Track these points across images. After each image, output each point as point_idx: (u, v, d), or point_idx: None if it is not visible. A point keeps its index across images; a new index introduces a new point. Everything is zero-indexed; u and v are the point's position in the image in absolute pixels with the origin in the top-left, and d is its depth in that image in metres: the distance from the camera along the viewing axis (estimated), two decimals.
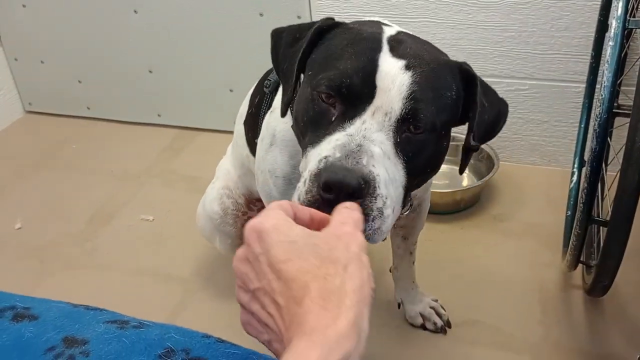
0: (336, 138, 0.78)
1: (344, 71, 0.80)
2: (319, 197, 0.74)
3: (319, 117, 0.82)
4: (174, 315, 1.57)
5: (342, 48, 0.84)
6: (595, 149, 1.23)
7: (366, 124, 0.79)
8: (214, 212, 1.48)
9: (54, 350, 0.65)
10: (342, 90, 0.80)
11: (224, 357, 0.65)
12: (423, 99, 0.80)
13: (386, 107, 0.79)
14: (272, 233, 0.58)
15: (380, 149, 0.77)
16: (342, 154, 0.75)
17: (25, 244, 1.87)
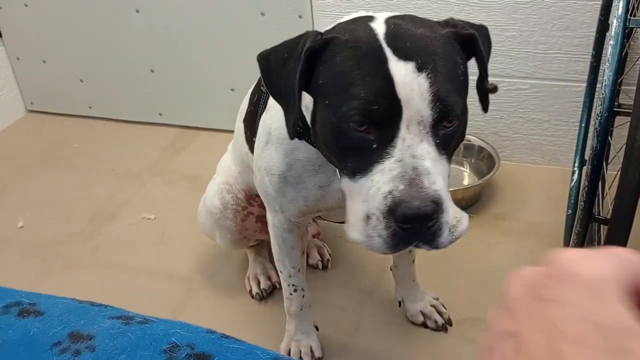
0: (389, 168, 0.79)
1: (367, 99, 0.79)
2: (399, 229, 0.79)
3: (358, 146, 0.82)
4: (177, 313, 1.57)
5: (349, 71, 0.81)
6: (596, 148, 1.23)
7: (406, 140, 0.80)
8: (214, 206, 1.49)
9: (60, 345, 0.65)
10: (374, 119, 0.80)
11: (228, 352, 0.66)
12: (446, 93, 0.80)
13: (417, 117, 0.79)
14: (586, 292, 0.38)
15: (430, 159, 0.80)
16: (405, 185, 0.77)
17: (28, 243, 1.88)
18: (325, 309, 1.53)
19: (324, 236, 1.76)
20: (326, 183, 1.08)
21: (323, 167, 1.06)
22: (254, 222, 1.52)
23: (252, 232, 1.54)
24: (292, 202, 1.12)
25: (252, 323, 1.54)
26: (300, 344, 1.40)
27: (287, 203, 1.13)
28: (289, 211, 1.16)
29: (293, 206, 1.14)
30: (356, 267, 1.69)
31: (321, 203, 1.12)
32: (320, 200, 1.11)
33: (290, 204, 1.13)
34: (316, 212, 1.19)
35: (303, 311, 1.37)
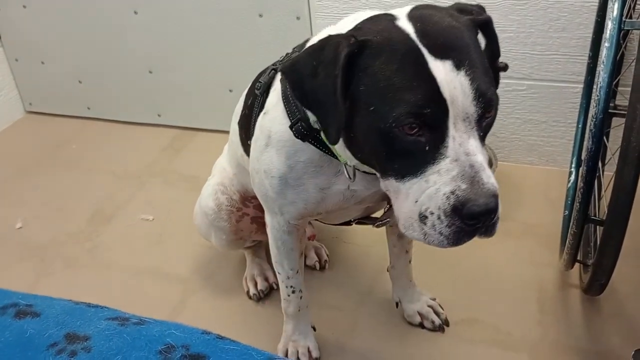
0: (446, 168, 0.82)
1: (417, 103, 0.80)
2: (465, 226, 0.83)
3: (409, 149, 0.83)
4: (174, 314, 1.58)
5: (393, 76, 0.82)
6: (591, 149, 1.23)
7: (457, 139, 0.82)
8: (208, 207, 1.50)
9: (56, 346, 0.66)
10: (426, 121, 0.81)
11: (224, 353, 0.66)
12: (485, 87, 0.83)
13: (462, 114, 0.82)
14: None
15: (480, 153, 0.83)
16: (467, 184, 0.81)
17: (26, 244, 1.88)
18: (322, 310, 1.53)
19: (322, 237, 1.77)
20: (327, 185, 1.09)
21: (324, 168, 1.07)
22: (249, 223, 1.52)
23: (248, 233, 1.54)
24: (292, 204, 1.13)
25: (250, 324, 1.54)
26: (297, 344, 1.41)
27: (287, 205, 1.14)
28: (289, 213, 1.16)
29: (293, 208, 1.14)
30: (353, 268, 1.69)
31: (321, 205, 1.13)
32: (320, 203, 1.12)
33: (290, 206, 1.13)
34: (316, 214, 1.19)
35: (301, 312, 1.38)
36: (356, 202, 1.14)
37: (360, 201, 1.14)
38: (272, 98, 1.10)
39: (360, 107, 0.86)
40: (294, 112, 1.03)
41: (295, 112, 1.03)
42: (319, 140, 1.03)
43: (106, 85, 2.52)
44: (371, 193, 1.11)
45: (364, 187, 1.09)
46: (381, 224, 1.25)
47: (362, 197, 1.12)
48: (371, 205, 1.21)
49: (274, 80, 1.13)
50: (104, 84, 2.52)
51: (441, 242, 0.86)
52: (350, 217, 1.27)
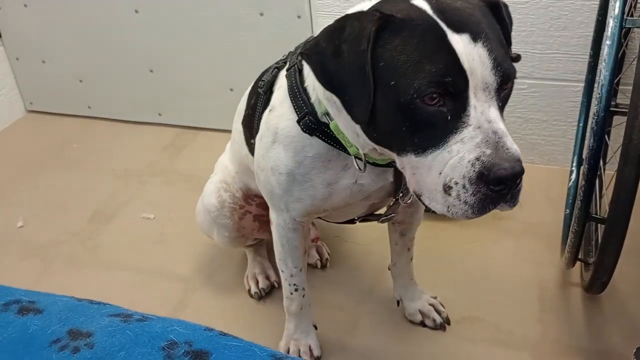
0: (469, 136, 0.82)
1: (439, 72, 0.81)
2: (490, 193, 0.83)
3: (431, 121, 0.84)
4: (176, 312, 1.58)
5: (414, 50, 0.83)
6: (592, 147, 1.24)
7: (477, 108, 0.83)
8: (211, 204, 1.50)
9: (59, 342, 0.66)
10: (449, 90, 0.82)
11: (226, 349, 0.66)
12: (502, 58, 0.84)
13: (482, 84, 0.83)
14: None
15: (501, 121, 0.84)
16: (492, 150, 0.81)
17: (27, 243, 1.88)
18: (323, 308, 1.53)
19: (323, 236, 1.77)
20: (334, 180, 1.09)
21: (332, 162, 1.07)
22: (252, 221, 1.52)
23: (250, 230, 1.54)
24: (298, 201, 1.13)
25: (251, 322, 1.54)
26: (299, 342, 1.41)
27: (293, 202, 1.14)
28: (295, 210, 1.16)
29: (299, 205, 1.14)
30: (355, 267, 1.69)
31: (328, 202, 1.13)
32: (327, 199, 1.12)
33: (297, 203, 1.13)
34: (322, 211, 1.19)
35: (303, 310, 1.38)
36: (362, 198, 1.14)
37: (366, 197, 1.14)
38: (278, 95, 1.10)
39: (379, 83, 0.87)
40: (301, 107, 1.04)
41: (302, 106, 1.03)
42: (327, 134, 1.03)
43: (107, 85, 2.52)
44: (378, 188, 1.12)
45: (372, 181, 1.09)
46: (386, 219, 1.25)
47: (368, 193, 1.12)
48: (376, 202, 1.21)
49: (278, 78, 1.13)
50: (105, 83, 2.52)
51: (465, 212, 0.85)
52: (355, 214, 1.27)
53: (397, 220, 1.38)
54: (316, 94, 1.03)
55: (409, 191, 1.14)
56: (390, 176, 1.10)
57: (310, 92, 1.04)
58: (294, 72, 1.06)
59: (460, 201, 0.84)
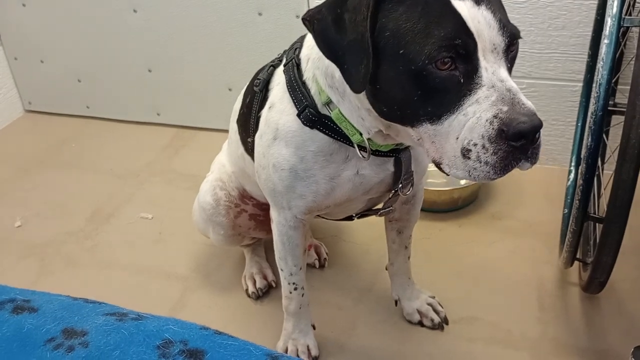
0: (484, 96, 0.83)
1: (448, 35, 0.82)
2: (511, 149, 0.82)
3: (445, 85, 0.84)
4: (174, 312, 1.58)
5: (420, 17, 0.84)
6: (590, 146, 1.23)
7: (488, 69, 0.84)
8: (206, 202, 1.50)
9: (54, 341, 0.66)
10: (460, 52, 0.82)
11: (221, 348, 0.66)
12: (506, 19, 0.86)
13: (490, 46, 0.84)
14: None
15: (510, 79, 0.84)
16: (508, 106, 0.81)
17: (26, 242, 1.88)
18: (321, 308, 1.53)
19: (321, 235, 1.77)
20: (336, 173, 1.09)
21: (334, 156, 1.07)
22: (247, 220, 1.52)
23: (246, 229, 1.54)
24: (300, 197, 1.13)
25: (249, 322, 1.54)
26: (297, 342, 1.41)
27: (295, 199, 1.13)
28: (297, 208, 1.16)
29: (301, 202, 1.14)
30: (353, 266, 1.69)
31: (330, 197, 1.12)
32: (329, 194, 1.12)
33: (299, 200, 1.13)
34: (323, 208, 1.19)
35: (301, 310, 1.37)
36: (363, 192, 1.14)
37: (367, 191, 1.14)
38: (277, 91, 1.10)
39: (386, 54, 0.86)
40: (301, 100, 1.04)
41: (302, 99, 1.04)
42: (328, 126, 1.04)
43: (105, 84, 2.51)
44: (378, 181, 1.12)
45: (373, 172, 1.10)
46: (384, 212, 1.25)
47: (369, 186, 1.13)
48: (376, 196, 1.21)
49: (274, 76, 1.13)
50: (103, 82, 2.51)
51: (487, 173, 0.85)
52: (354, 210, 1.27)
53: (394, 218, 1.38)
54: (316, 86, 1.03)
55: (408, 183, 1.14)
56: (391, 166, 1.11)
57: (309, 85, 1.04)
58: (292, 67, 1.07)
59: (481, 162, 0.84)
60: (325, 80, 1.01)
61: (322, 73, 1.02)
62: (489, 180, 0.87)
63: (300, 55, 1.07)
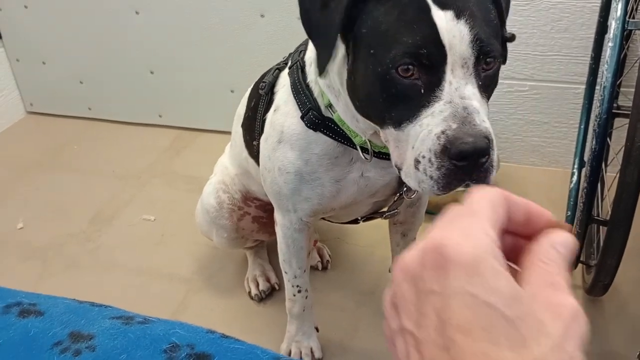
0: (439, 110, 0.81)
1: (415, 43, 0.81)
2: (453, 168, 0.80)
3: (405, 93, 0.83)
4: (177, 314, 1.57)
5: (396, 19, 0.84)
6: (595, 149, 1.24)
7: (453, 84, 0.82)
8: (210, 205, 1.49)
9: (61, 345, 0.65)
10: (423, 62, 0.81)
11: (229, 352, 0.66)
12: (484, 36, 0.83)
13: (460, 61, 0.82)
14: (464, 273, 0.38)
15: (476, 100, 0.82)
16: (457, 124, 0.79)
17: (27, 244, 1.88)
18: (324, 310, 1.53)
19: (324, 237, 1.76)
20: (342, 176, 1.09)
21: (339, 159, 1.07)
22: (251, 222, 1.52)
23: (249, 232, 1.54)
24: (306, 200, 1.12)
25: (252, 324, 1.54)
26: (300, 344, 1.40)
27: (301, 202, 1.13)
28: (302, 210, 1.15)
29: (307, 205, 1.13)
30: (356, 268, 1.69)
31: (335, 200, 1.12)
32: (334, 197, 1.11)
33: (304, 202, 1.13)
34: (329, 210, 1.18)
35: (305, 312, 1.37)
36: (369, 195, 1.14)
37: (373, 193, 1.14)
38: (282, 94, 1.10)
39: (361, 50, 0.88)
40: (305, 103, 1.04)
41: (305, 102, 1.04)
42: (331, 129, 1.04)
43: (107, 86, 2.51)
44: (384, 184, 1.11)
45: (378, 175, 1.09)
46: (389, 214, 1.24)
47: (375, 189, 1.12)
48: (381, 199, 1.20)
49: (279, 79, 1.13)
50: (105, 84, 2.51)
51: (432, 187, 0.84)
52: (360, 213, 1.27)
53: (398, 220, 1.38)
54: (318, 88, 1.03)
55: None
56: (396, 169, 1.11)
57: (312, 87, 1.04)
58: (296, 69, 1.07)
59: (427, 176, 0.83)
60: (324, 81, 1.01)
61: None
62: (434, 194, 0.86)
63: (305, 58, 1.07)
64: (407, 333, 0.41)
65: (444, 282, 0.39)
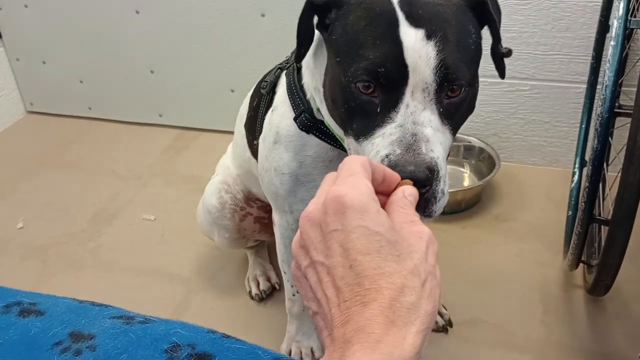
0: (389, 132, 0.78)
1: (375, 61, 0.79)
2: None
3: (363, 109, 0.81)
4: (177, 314, 1.57)
5: (362, 31, 0.82)
6: (596, 148, 1.23)
7: (410, 107, 0.79)
8: (212, 205, 1.49)
9: (61, 345, 0.65)
10: (380, 81, 0.79)
11: (229, 352, 0.65)
12: (452, 62, 0.79)
13: (422, 84, 0.79)
14: (357, 213, 0.53)
15: (431, 127, 0.79)
16: (402, 150, 0.76)
17: (28, 244, 1.87)
18: None
19: None
20: None
21: (333, 162, 1.06)
22: (252, 223, 1.52)
23: (251, 232, 1.54)
24: (302, 201, 1.12)
25: (252, 324, 1.53)
26: (301, 344, 1.40)
27: (297, 203, 1.13)
28: (298, 212, 1.15)
29: (303, 206, 1.11)
30: None
31: None
32: None
33: (300, 204, 1.12)
34: None
35: (305, 312, 1.37)
36: None
37: None
38: (280, 94, 1.10)
39: (330, 56, 0.88)
40: (298, 104, 1.03)
41: (299, 104, 1.03)
42: (323, 132, 1.03)
43: (107, 85, 2.51)
44: None
45: None
46: None
47: None
48: None
49: (280, 78, 1.13)
50: (106, 84, 2.51)
51: None
52: None
53: None
54: (310, 90, 1.02)
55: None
56: None
57: (306, 89, 1.03)
58: (293, 70, 1.06)
59: None
60: (312, 81, 1.01)
61: (310, 74, 1.01)
62: None
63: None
64: (317, 264, 0.55)
65: (343, 222, 0.53)
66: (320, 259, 0.55)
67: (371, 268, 0.51)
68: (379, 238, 0.53)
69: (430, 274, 0.55)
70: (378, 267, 0.51)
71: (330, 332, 0.52)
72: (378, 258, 0.52)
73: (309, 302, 0.57)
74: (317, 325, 0.56)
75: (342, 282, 0.52)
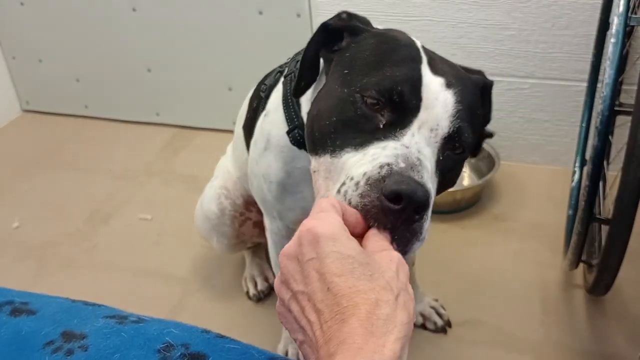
0: (393, 146, 0.74)
1: (393, 78, 0.77)
2: (378, 204, 0.68)
3: (361, 121, 0.77)
4: (173, 314, 1.56)
5: (382, 53, 0.80)
6: (596, 147, 1.22)
7: (415, 137, 0.75)
8: (211, 211, 1.47)
9: (53, 345, 0.64)
10: (393, 98, 0.76)
11: (224, 352, 0.64)
12: (466, 118, 0.78)
13: (432, 124, 0.76)
14: (330, 240, 0.59)
15: (430, 164, 0.75)
16: (406, 166, 0.71)
17: (23, 243, 1.86)
18: None
19: None
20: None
21: None
22: (252, 228, 1.50)
23: (249, 236, 1.52)
24: (290, 210, 1.10)
25: (249, 324, 1.52)
26: None
27: (285, 210, 1.11)
28: (287, 218, 1.14)
29: (291, 214, 1.12)
30: None
31: None
32: None
33: (289, 212, 1.11)
34: None
35: None
36: None
37: None
38: (274, 100, 1.07)
39: (334, 72, 0.86)
40: (292, 119, 0.99)
41: (293, 118, 0.99)
42: None
43: (104, 84, 2.50)
44: None
45: None
46: None
47: None
48: None
49: (279, 82, 1.10)
50: (102, 82, 2.50)
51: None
52: None
53: None
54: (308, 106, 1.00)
55: None
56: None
57: (302, 104, 0.99)
58: (290, 81, 1.02)
59: (345, 199, 0.71)
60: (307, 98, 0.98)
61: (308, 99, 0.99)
62: None
63: None
64: (299, 293, 0.59)
65: (318, 250, 0.58)
66: (300, 289, 0.59)
67: (346, 287, 0.55)
68: (351, 260, 0.58)
69: (402, 289, 0.58)
70: (353, 286, 0.55)
71: (316, 354, 0.55)
72: (352, 278, 0.56)
73: (295, 334, 0.60)
74: (305, 354, 0.59)
75: (322, 305, 0.56)
